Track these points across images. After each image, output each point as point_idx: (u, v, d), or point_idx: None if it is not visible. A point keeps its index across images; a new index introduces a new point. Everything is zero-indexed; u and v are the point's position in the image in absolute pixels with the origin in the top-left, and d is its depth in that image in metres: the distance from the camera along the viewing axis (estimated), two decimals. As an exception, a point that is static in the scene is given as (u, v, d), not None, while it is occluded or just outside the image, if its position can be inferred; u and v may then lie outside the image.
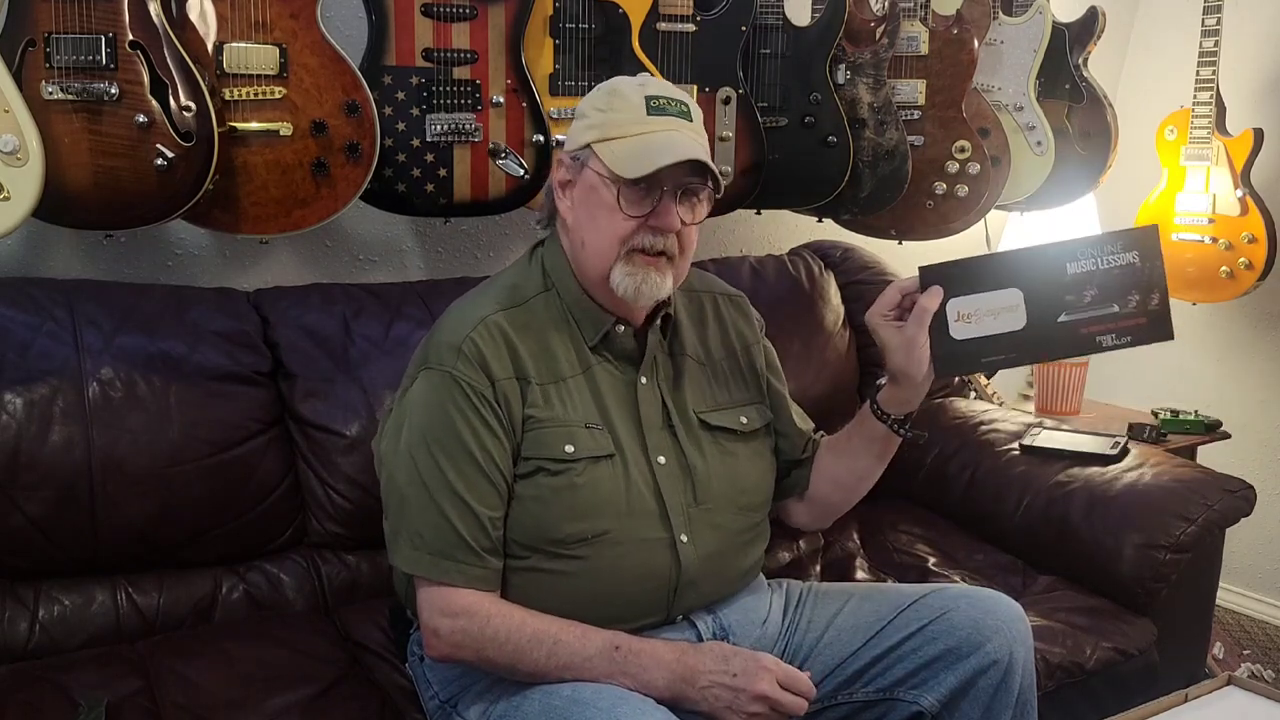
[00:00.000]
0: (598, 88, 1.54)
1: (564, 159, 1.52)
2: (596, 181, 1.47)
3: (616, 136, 1.46)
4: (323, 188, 1.88)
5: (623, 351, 1.55)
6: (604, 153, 1.46)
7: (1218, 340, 3.15)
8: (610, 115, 1.47)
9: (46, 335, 1.77)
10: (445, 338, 1.48)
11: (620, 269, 1.47)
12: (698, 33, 2.16)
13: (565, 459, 1.46)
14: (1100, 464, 2.22)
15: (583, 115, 1.51)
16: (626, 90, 1.48)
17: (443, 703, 1.54)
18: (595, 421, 1.50)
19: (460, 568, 1.42)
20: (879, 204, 2.42)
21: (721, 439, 1.59)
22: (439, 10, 1.95)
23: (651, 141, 1.45)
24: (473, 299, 1.56)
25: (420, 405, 1.46)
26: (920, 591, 1.58)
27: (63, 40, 1.65)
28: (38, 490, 1.70)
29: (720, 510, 1.56)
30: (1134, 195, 2.95)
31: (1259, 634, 3.06)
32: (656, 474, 1.52)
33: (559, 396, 1.49)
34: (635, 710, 1.31)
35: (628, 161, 1.43)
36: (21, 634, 1.70)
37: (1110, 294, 1.51)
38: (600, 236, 1.47)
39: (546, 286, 1.55)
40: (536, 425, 1.47)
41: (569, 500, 1.46)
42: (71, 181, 1.68)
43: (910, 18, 2.42)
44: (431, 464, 1.43)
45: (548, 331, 1.52)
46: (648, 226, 1.46)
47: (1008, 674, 1.49)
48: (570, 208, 1.51)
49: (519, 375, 1.47)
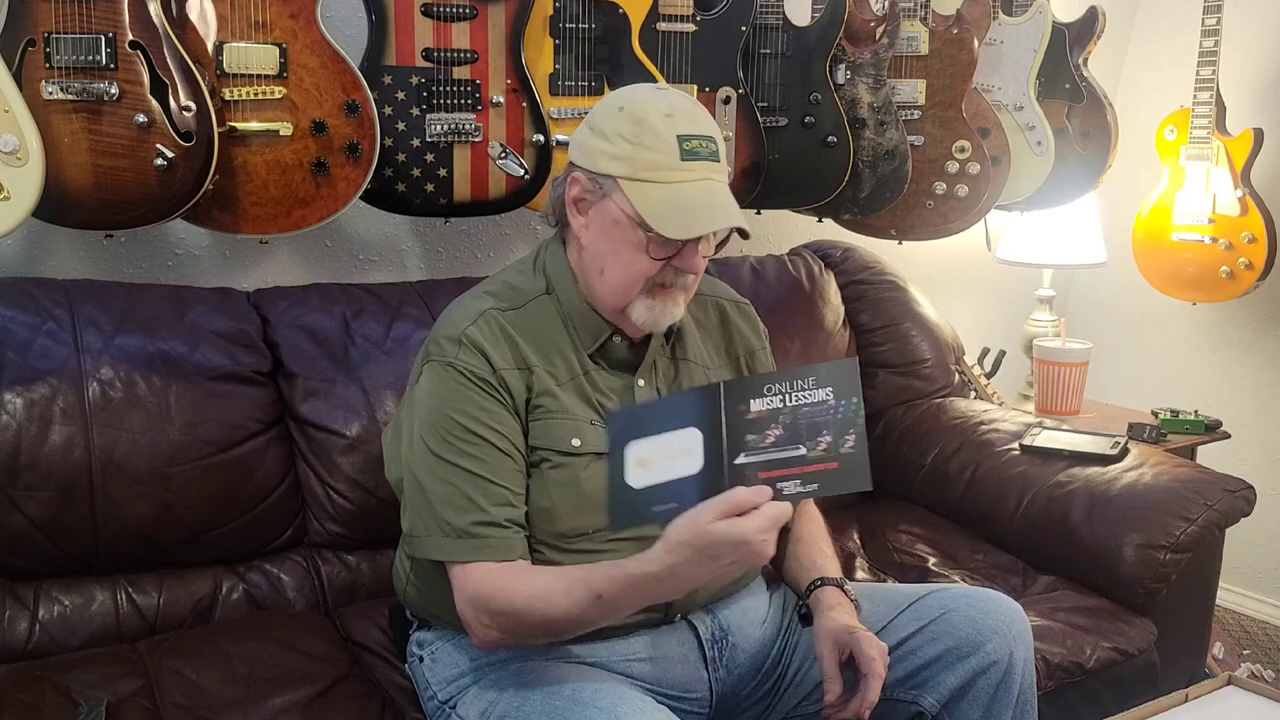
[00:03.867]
0: (616, 102, 1.47)
1: (580, 178, 1.47)
2: (623, 219, 1.44)
3: (648, 180, 1.42)
4: (323, 188, 1.88)
5: (619, 360, 1.56)
6: (635, 195, 1.42)
7: (1218, 340, 3.15)
8: (640, 152, 1.42)
9: (46, 335, 1.77)
10: (445, 332, 1.49)
11: (641, 303, 1.47)
12: (698, 33, 2.16)
13: (572, 452, 1.47)
14: (1100, 464, 2.22)
15: (603, 135, 1.45)
16: (656, 124, 1.43)
17: (442, 703, 1.54)
18: (598, 420, 1.50)
19: (490, 543, 1.41)
20: (879, 204, 2.42)
21: None
22: (439, 10, 1.95)
23: (690, 197, 1.42)
24: (471, 296, 1.56)
25: (427, 397, 1.47)
26: (920, 592, 1.58)
27: (63, 40, 1.65)
28: (38, 490, 1.70)
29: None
30: (1134, 195, 2.95)
31: (1259, 634, 3.06)
32: None
33: (564, 392, 1.50)
34: (636, 709, 1.31)
35: (666, 218, 1.41)
36: (21, 634, 1.70)
37: (796, 435, 1.29)
38: (623, 273, 1.46)
39: (546, 290, 1.54)
40: (544, 414, 1.47)
41: (572, 495, 1.47)
42: (71, 181, 1.68)
43: (910, 18, 2.42)
44: (449, 450, 1.43)
45: (546, 334, 1.52)
46: (672, 266, 1.46)
47: (1008, 674, 1.49)
48: (585, 229, 1.49)
49: (520, 365, 1.48)
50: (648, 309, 1.48)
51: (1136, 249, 2.95)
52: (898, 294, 2.63)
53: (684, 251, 1.45)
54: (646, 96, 1.48)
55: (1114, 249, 2.96)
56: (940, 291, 2.89)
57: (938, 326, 2.64)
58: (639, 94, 1.49)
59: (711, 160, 1.44)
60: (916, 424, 2.49)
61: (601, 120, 1.47)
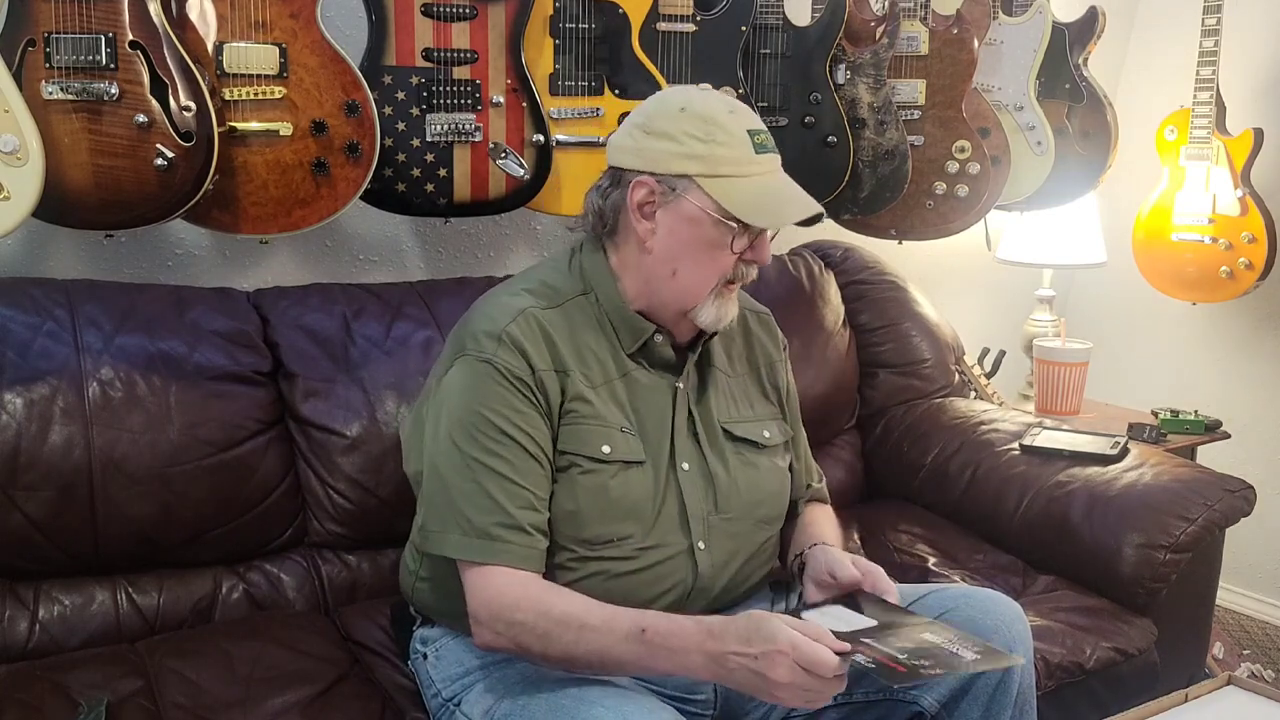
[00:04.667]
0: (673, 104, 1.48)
1: (648, 181, 1.46)
2: (700, 217, 1.45)
3: (728, 175, 1.44)
4: (323, 187, 1.88)
5: (660, 360, 1.55)
6: (715, 190, 1.43)
7: (1218, 340, 3.15)
8: (715, 149, 1.44)
9: (46, 335, 1.77)
10: (483, 326, 1.48)
11: (711, 302, 1.49)
12: (698, 33, 2.16)
13: (602, 459, 1.47)
14: (1100, 464, 2.22)
15: (668, 137, 1.45)
16: (724, 120, 1.45)
17: (445, 701, 1.54)
18: (629, 426, 1.50)
19: (509, 548, 1.40)
20: (879, 204, 2.42)
21: (744, 450, 1.60)
22: (439, 10, 1.95)
23: (770, 187, 1.47)
24: (507, 291, 1.54)
25: (458, 391, 1.46)
26: (919, 592, 1.58)
27: (63, 40, 1.65)
28: (38, 490, 1.70)
29: (739, 520, 1.56)
30: (1134, 195, 2.95)
31: (1259, 634, 3.06)
32: (680, 480, 1.53)
33: (596, 397, 1.49)
34: (642, 709, 1.31)
35: (753, 208, 1.44)
36: (21, 634, 1.70)
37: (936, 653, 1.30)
38: (701, 271, 1.48)
39: (584, 290, 1.54)
40: (577, 419, 1.47)
41: (600, 502, 1.47)
42: (71, 181, 1.68)
43: (910, 18, 2.42)
44: (476, 447, 1.42)
45: (584, 335, 1.51)
46: (743, 260, 1.49)
47: (1007, 674, 1.49)
48: (653, 232, 1.48)
49: (558, 368, 1.47)
50: (716, 308, 1.50)
51: (1136, 249, 2.95)
52: (898, 294, 2.63)
53: (757, 245, 1.49)
54: (701, 95, 1.49)
55: (1114, 249, 2.96)
56: (940, 291, 2.88)
57: (938, 326, 2.64)
58: (691, 94, 1.50)
59: (775, 153, 1.49)
60: (916, 424, 2.49)
61: (663, 122, 1.46)
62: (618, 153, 1.51)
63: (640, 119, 1.50)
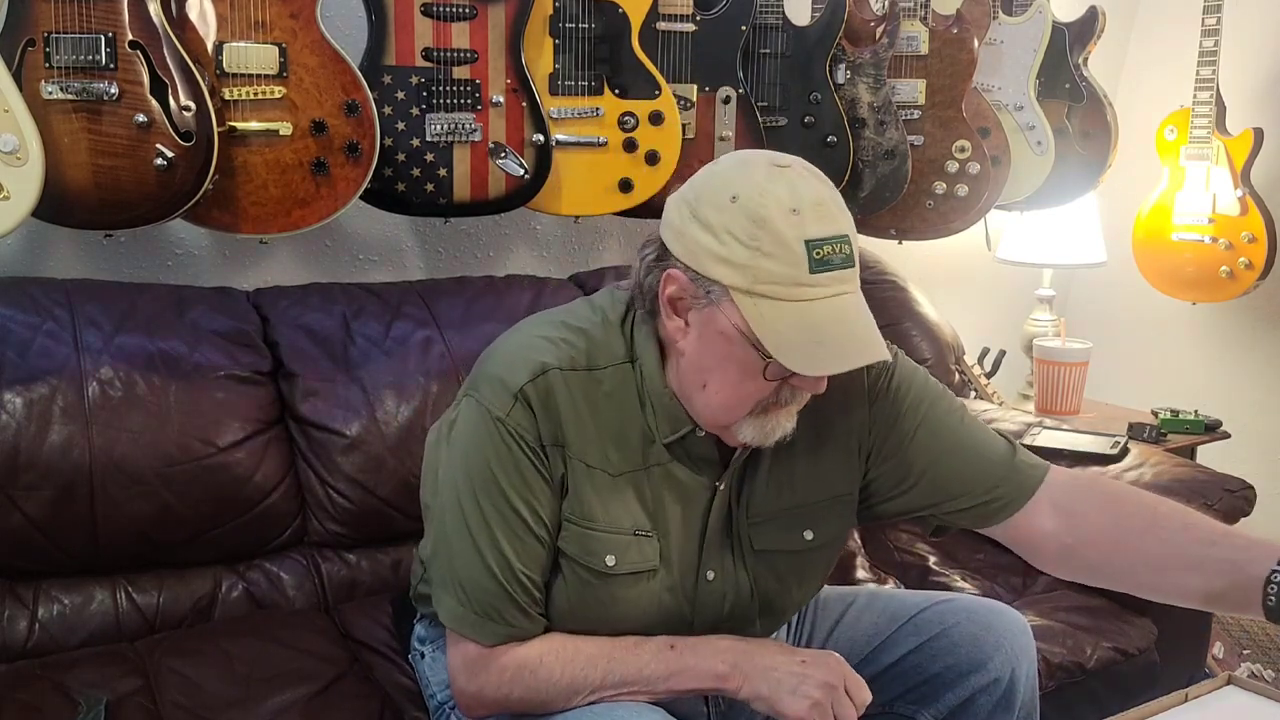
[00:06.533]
0: (727, 187, 1.20)
1: (679, 276, 1.22)
2: (734, 335, 1.21)
3: (769, 296, 1.18)
4: (322, 187, 1.88)
5: (701, 456, 1.34)
6: (751, 313, 1.18)
7: (1218, 340, 3.15)
8: (758, 260, 1.17)
9: (46, 335, 1.77)
10: (500, 373, 1.30)
11: (749, 423, 1.27)
12: (698, 32, 2.16)
13: (605, 572, 1.31)
14: (1100, 464, 2.22)
15: (709, 229, 1.19)
16: (779, 225, 1.17)
17: (441, 704, 1.53)
18: (645, 528, 1.33)
19: (506, 630, 1.30)
20: (879, 204, 2.42)
21: (778, 561, 1.41)
22: (439, 10, 1.95)
23: (820, 319, 1.19)
24: (538, 334, 1.34)
25: (466, 440, 1.30)
26: (920, 604, 1.53)
27: (62, 40, 1.65)
28: (38, 490, 1.70)
29: (754, 623, 1.44)
30: (1134, 195, 2.95)
31: (1259, 634, 3.06)
32: (699, 590, 1.37)
33: (610, 488, 1.31)
34: (631, 711, 1.29)
35: (791, 348, 1.18)
36: (21, 633, 1.70)
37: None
38: (732, 394, 1.25)
39: (631, 357, 1.32)
40: (578, 519, 1.31)
41: (599, 612, 1.33)
42: (71, 181, 1.68)
43: (910, 17, 2.42)
44: (477, 514, 1.29)
45: (614, 412, 1.31)
46: (789, 385, 1.25)
47: (1009, 691, 1.46)
48: (684, 334, 1.26)
49: (564, 450, 1.30)
50: (757, 428, 1.27)
51: (1136, 249, 2.95)
52: (898, 294, 2.63)
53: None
54: (763, 184, 1.19)
55: (1114, 249, 2.96)
56: (940, 291, 2.88)
57: (938, 326, 2.64)
58: (754, 177, 1.20)
59: (845, 268, 1.20)
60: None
61: (708, 210, 1.20)
62: (665, 225, 1.26)
63: (691, 193, 1.24)
